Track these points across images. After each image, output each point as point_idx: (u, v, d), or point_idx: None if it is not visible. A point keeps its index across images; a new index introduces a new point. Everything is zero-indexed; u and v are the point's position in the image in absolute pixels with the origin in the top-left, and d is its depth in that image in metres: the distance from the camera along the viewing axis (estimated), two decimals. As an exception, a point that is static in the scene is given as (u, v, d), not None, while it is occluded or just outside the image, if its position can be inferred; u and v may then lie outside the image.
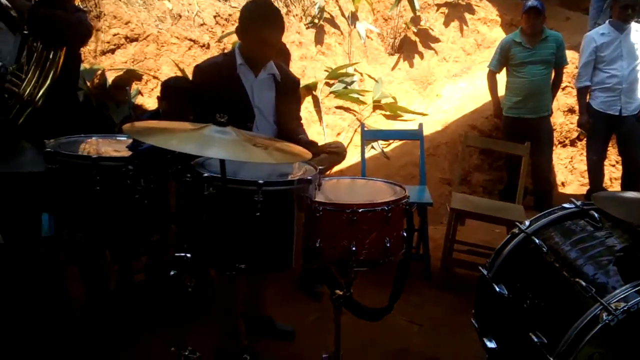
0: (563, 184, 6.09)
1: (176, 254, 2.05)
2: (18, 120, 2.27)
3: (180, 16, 4.77)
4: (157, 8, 4.65)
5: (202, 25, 4.88)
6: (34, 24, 2.24)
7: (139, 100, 4.27)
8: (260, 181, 1.84)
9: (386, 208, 2.18)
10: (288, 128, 2.72)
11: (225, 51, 2.83)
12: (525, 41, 4.93)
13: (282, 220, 1.96)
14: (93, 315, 2.95)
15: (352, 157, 5.01)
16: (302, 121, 2.97)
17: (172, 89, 3.25)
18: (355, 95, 5.83)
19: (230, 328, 2.59)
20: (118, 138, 2.32)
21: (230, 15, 5.10)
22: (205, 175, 1.85)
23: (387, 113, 6.04)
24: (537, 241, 1.83)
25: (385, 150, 5.64)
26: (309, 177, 1.97)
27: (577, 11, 7.86)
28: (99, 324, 2.96)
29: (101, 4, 4.30)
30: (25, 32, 2.23)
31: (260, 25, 2.50)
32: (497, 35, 7.15)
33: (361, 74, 6.10)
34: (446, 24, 6.96)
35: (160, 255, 3.07)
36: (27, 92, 2.25)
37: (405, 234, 2.32)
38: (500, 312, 1.86)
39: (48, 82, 2.31)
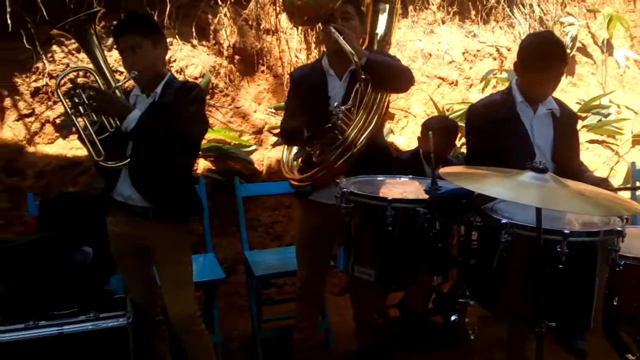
0: None
1: (460, 300, 2.03)
2: (336, 163, 2.47)
3: (430, 55, 4.85)
4: (409, 48, 4.80)
5: (450, 62, 4.90)
6: (370, 69, 2.41)
7: (390, 138, 4.41)
8: (566, 231, 1.73)
9: None
10: (570, 167, 2.54)
11: (502, 89, 2.77)
12: None
13: (586, 274, 1.81)
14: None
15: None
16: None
17: (434, 130, 3.26)
18: (612, 129, 5.30)
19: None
20: (402, 179, 2.39)
21: (478, 51, 5.05)
22: (504, 222, 1.80)
23: (650, 149, 5.39)
24: None
25: (647, 189, 5.01)
26: (619, 228, 1.79)
27: None
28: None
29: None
30: (363, 76, 2.40)
31: (544, 60, 2.40)
32: None
33: (618, 106, 5.55)
34: None
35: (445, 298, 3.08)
36: (350, 137, 2.45)
37: None
38: None
39: (371, 127, 2.48)
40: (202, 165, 3.88)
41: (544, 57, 2.40)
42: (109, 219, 2.53)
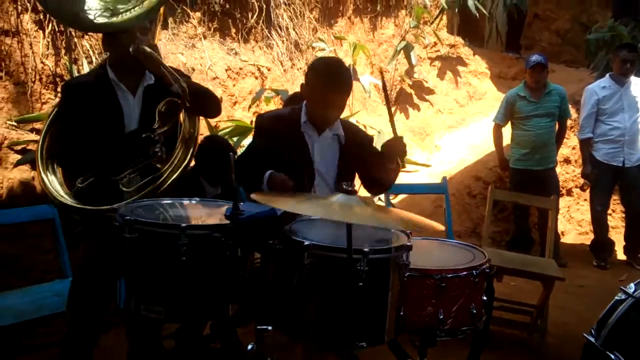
0: (562, 234, 6.14)
1: (258, 327, 1.92)
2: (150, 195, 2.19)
3: (193, 70, 4.70)
4: (171, 62, 4.57)
5: (214, 78, 4.82)
6: (194, 96, 2.26)
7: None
8: (366, 249, 1.75)
9: (474, 273, 2.12)
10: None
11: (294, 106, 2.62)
12: (529, 95, 5.02)
13: (381, 290, 1.85)
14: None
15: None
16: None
17: (209, 150, 3.08)
18: (360, 147, 5.81)
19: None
20: (193, 202, 2.18)
21: (241, 69, 5.07)
22: (307, 243, 1.75)
23: (390, 165, 6.02)
24: (652, 307, 1.78)
25: (393, 201, 5.59)
26: (408, 244, 1.88)
27: (558, 63, 8.17)
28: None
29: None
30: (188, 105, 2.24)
31: (327, 86, 2.36)
32: (487, 87, 7.33)
33: (364, 126, 6.11)
34: (440, 76, 7.10)
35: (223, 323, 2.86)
36: (167, 173, 2.21)
37: (485, 299, 2.25)
38: (616, 382, 1.78)
39: (185, 162, 2.28)
40: None
41: (327, 84, 2.36)
42: None
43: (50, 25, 4.00)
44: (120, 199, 2.14)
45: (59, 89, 4.01)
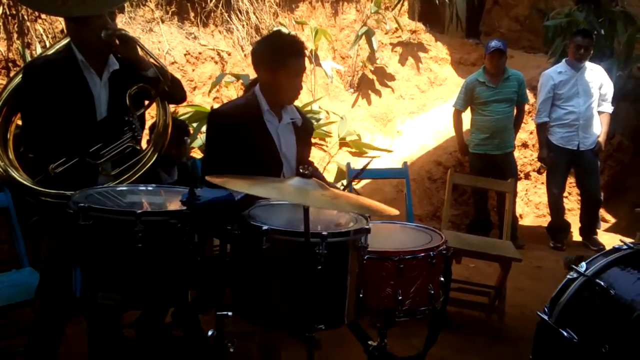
0: (520, 216, 6.29)
1: (218, 313, 1.92)
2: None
3: (151, 54, 4.60)
4: (128, 46, 4.47)
5: (173, 63, 4.73)
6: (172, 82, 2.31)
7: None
8: (324, 232, 1.75)
9: (431, 254, 2.16)
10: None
11: (247, 94, 2.60)
12: (488, 80, 5.09)
13: (340, 273, 1.87)
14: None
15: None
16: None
17: None
18: (323, 132, 5.81)
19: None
20: (148, 188, 2.15)
21: (200, 53, 4.98)
22: (265, 228, 1.74)
23: (353, 150, 6.06)
24: (602, 284, 1.84)
25: (355, 187, 5.61)
26: (366, 227, 1.90)
27: (517, 49, 8.29)
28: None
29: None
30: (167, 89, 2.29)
31: (293, 56, 2.35)
32: (448, 73, 7.40)
33: (327, 112, 6.11)
34: (402, 62, 7.13)
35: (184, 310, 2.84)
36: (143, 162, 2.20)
37: (443, 280, 2.29)
38: (568, 358, 1.84)
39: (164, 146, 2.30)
40: None
41: (292, 54, 2.36)
42: None
43: (1, 8, 3.87)
44: (92, 184, 2.12)
45: (11, 74, 3.88)
